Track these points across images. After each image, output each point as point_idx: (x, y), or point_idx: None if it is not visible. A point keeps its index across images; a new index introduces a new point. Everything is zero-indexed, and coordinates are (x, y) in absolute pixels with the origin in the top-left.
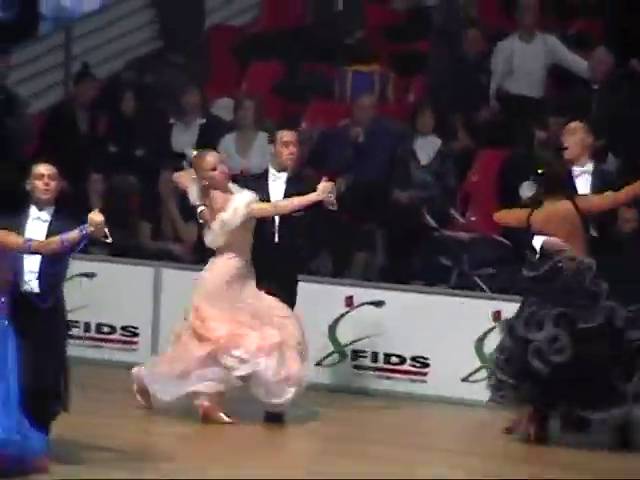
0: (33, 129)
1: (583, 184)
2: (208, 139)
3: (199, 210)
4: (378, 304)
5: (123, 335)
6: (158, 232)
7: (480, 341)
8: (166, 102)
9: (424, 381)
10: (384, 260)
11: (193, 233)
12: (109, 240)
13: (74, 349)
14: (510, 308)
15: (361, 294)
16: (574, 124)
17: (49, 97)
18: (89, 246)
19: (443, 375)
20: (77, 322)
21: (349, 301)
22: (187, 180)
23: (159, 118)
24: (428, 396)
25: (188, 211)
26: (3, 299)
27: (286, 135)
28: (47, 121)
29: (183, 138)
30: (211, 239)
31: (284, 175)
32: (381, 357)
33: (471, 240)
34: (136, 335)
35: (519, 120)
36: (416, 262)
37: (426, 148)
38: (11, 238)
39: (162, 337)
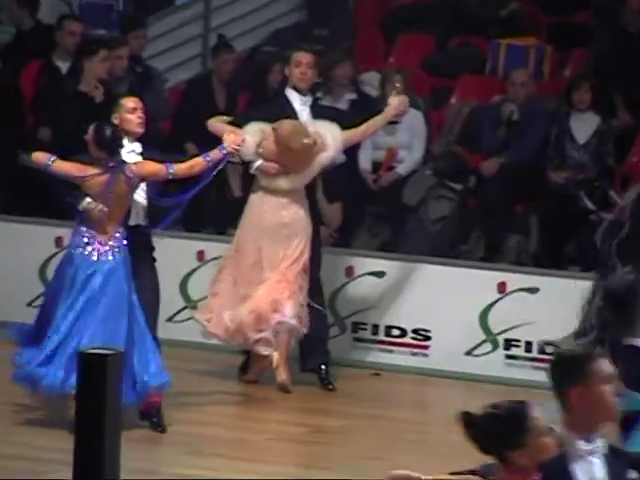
0: (170, 104)
1: None
2: (358, 116)
3: (257, 165)
4: (532, 290)
5: None
6: None
7: None
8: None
9: None
10: (538, 244)
11: (338, 215)
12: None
13: None
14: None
15: (514, 280)
16: None
17: (187, 71)
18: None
19: None
20: None
21: (501, 287)
22: (227, 128)
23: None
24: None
25: (332, 192)
26: (120, 230)
27: (297, 55)
28: (183, 96)
29: None
30: (293, 181)
31: (308, 99)
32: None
33: None
34: None
35: None
36: (572, 246)
37: (583, 126)
38: (155, 166)
39: None
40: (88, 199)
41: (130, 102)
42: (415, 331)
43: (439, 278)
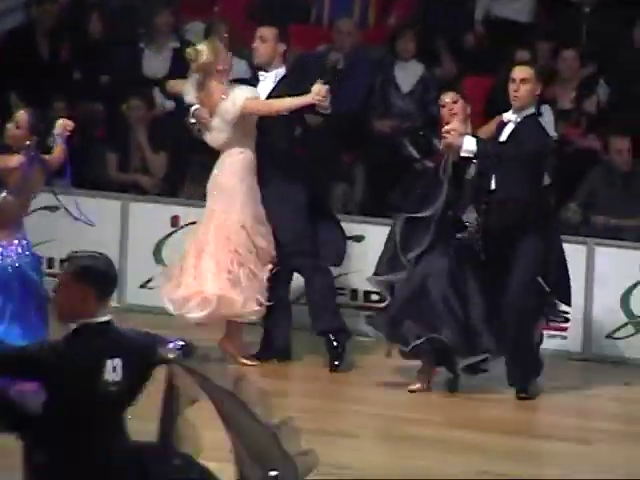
0: None
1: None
2: (181, 66)
3: (193, 109)
4: (358, 239)
5: None
6: (125, 163)
7: None
8: (135, 25)
9: None
10: (364, 193)
11: (162, 164)
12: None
13: None
14: None
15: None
16: (527, 72)
17: (7, 22)
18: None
19: None
20: (41, 257)
21: None
22: (180, 83)
23: (127, 42)
24: None
25: (157, 141)
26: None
27: (260, 30)
28: (4, 47)
29: (154, 63)
30: (212, 137)
31: (272, 75)
32: (361, 295)
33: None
34: None
35: (506, 46)
36: (396, 194)
37: (407, 75)
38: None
39: (129, 271)
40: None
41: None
42: None
43: None
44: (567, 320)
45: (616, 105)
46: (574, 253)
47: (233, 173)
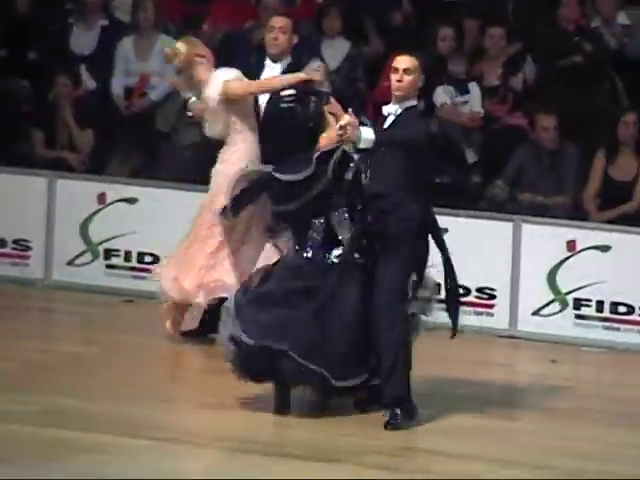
0: None
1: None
2: (108, 42)
3: (189, 102)
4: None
5: (15, 249)
6: (52, 140)
7: None
8: (64, 2)
9: None
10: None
11: (89, 141)
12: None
13: None
14: None
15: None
16: (411, 62)
17: None
18: None
19: None
20: None
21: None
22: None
23: (56, 18)
24: None
25: (84, 118)
26: None
27: (272, 20)
28: None
29: (83, 40)
30: (209, 127)
31: (279, 66)
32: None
33: None
34: (29, 249)
35: (433, 23)
36: None
37: (334, 52)
38: None
39: (56, 248)
40: None
41: None
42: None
43: (194, 204)
44: (493, 297)
45: (542, 83)
46: (501, 230)
47: (234, 163)
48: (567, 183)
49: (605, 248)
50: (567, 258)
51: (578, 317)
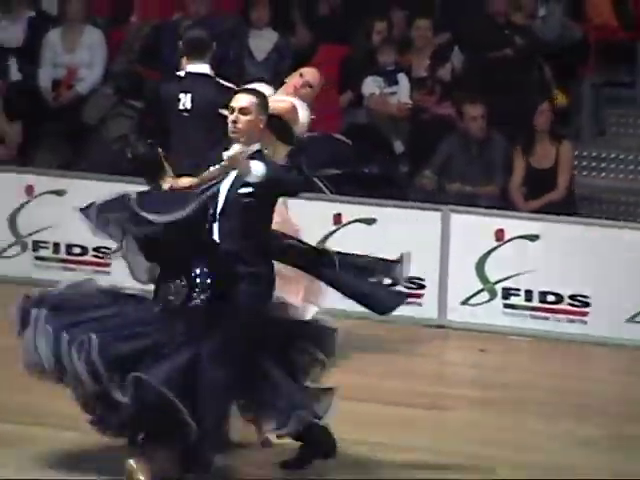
0: None
1: None
2: (36, 34)
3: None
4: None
5: None
6: None
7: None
8: None
9: None
10: None
11: (17, 133)
12: None
13: None
14: (351, 210)
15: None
16: (248, 100)
17: None
18: None
19: None
20: None
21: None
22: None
23: None
24: None
25: (12, 110)
26: None
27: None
28: None
29: (10, 33)
30: None
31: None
32: None
33: (310, 139)
34: None
35: (360, 14)
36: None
37: (261, 43)
38: None
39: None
40: None
41: None
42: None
43: None
44: (423, 287)
45: (470, 73)
46: (429, 220)
47: None
48: (495, 172)
49: (533, 237)
50: (495, 248)
51: (507, 306)
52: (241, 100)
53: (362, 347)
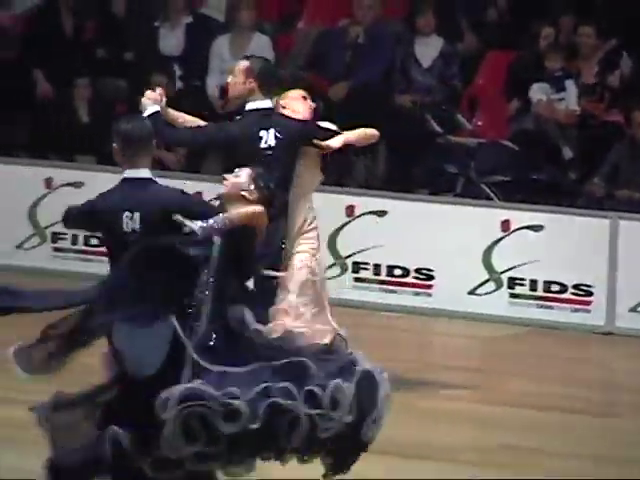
0: (15, 31)
1: None
2: (196, 40)
3: None
4: (380, 214)
5: None
6: None
7: (488, 252)
8: (154, 2)
9: (429, 294)
10: (386, 168)
11: None
12: None
13: None
14: (519, 217)
15: (362, 203)
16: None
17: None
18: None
19: (449, 288)
20: None
21: (350, 211)
22: None
23: (146, 20)
24: (433, 310)
25: None
26: None
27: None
28: (30, 24)
29: (169, 40)
30: None
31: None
32: (384, 269)
33: (478, 146)
34: None
35: (528, 19)
36: (420, 169)
37: (427, 50)
38: None
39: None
40: None
41: None
42: None
43: None
44: (590, 294)
45: (639, 79)
46: (597, 227)
47: None
48: None
49: None
50: None
51: None
52: None
53: (534, 355)
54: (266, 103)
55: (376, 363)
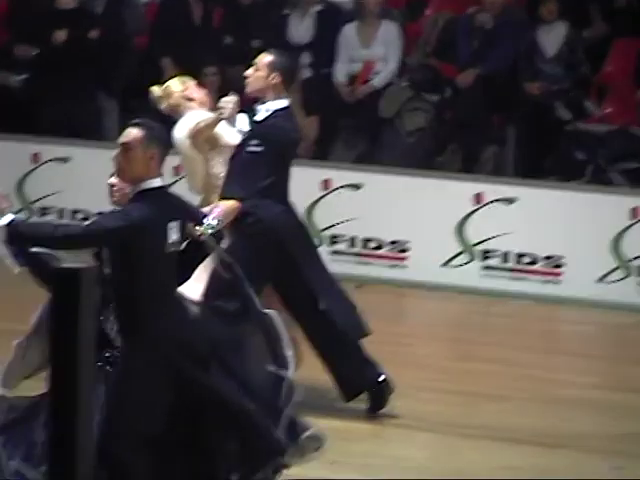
0: (145, 20)
1: None
2: (325, 29)
3: None
4: (509, 201)
5: None
6: None
7: (617, 240)
8: None
9: (558, 282)
10: (515, 155)
11: (314, 128)
12: None
13: None
14: None
15: (491, 191)
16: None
17: None
18: None
19: (577, 276)
20: None
21: (478, 198)
22: None
23: (275, 8)
24: (562, 297)
25: (308, 105)
26: None
27: None
28: (159, 12)
29: (299, 29)
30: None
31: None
32: (512, 257)
33: (608, 133)
34: None
35: None
36: (550, 157)
37: (551, 38)
38: None
39: None
40: None
41: None
42: (392, 243)
43: (416, 189)
44: None
45: None
46: None
47: None
48: None
49: None
50: None
51: None
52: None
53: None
54: (285, 102)
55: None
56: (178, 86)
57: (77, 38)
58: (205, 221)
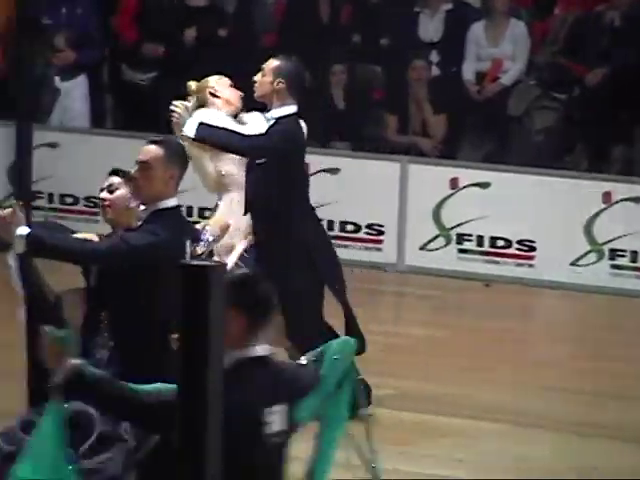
0: (273, 18)
1: None
2: (455, 28)
3: None
4: (638, 200)
5: (368, 234)
6: (404, 126)
7: None
8: None
9: None
10: None
11: (442, 126)
12: None
13: None
14: None
15: (620, 190)
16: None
17: None
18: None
19: None
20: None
21: (607, 197)
22: None
23: (404, 6)
24: None
25: (437, 103)
26: None
27: None
28: (287, 10)
29: (430, 26)
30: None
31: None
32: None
33: None
34: (382, 233)
35: None
36: None
37: None
38: None
39: (408, 236)
40: None
41: None
42: (520, 242)
43: (544, 188)
44: None
45: None
46: None
47: None
48: None
49: None
50: None
51: None
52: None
53: None
54: (291, 109)
55: None
56: (212, 82)
57: (207, 36)
58: (202, 239)
